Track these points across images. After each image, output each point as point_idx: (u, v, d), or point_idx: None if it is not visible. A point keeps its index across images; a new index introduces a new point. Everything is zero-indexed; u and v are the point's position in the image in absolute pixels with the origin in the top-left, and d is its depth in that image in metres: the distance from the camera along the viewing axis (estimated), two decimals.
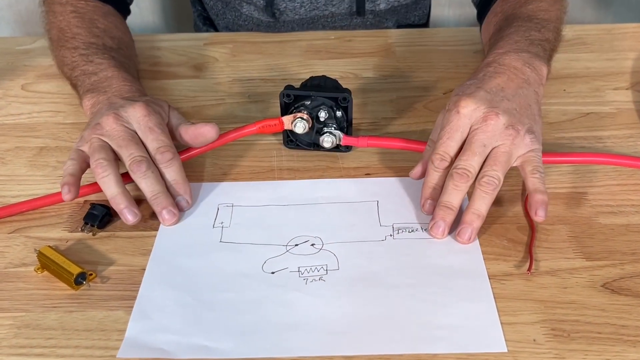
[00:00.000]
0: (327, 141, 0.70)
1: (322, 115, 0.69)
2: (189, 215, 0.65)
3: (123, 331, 0.54)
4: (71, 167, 0.64)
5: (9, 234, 0.63)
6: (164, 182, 0.64)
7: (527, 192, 0.62)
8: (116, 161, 0.64)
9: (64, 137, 0.76)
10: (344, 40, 0.93)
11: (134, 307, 0.56)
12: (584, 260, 0.59)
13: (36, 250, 0.59)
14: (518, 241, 0.61)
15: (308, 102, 0.69)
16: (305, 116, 0.69)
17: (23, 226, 0.64)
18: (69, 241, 0.62)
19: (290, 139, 0.73)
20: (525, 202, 0.64)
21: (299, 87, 0.71)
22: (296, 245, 0.61)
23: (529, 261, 0.58)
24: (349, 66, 0.88)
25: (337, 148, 0.71)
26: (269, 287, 0.57)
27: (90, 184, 0.65)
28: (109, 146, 0.64)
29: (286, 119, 0.70)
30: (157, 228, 0.63)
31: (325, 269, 0.59)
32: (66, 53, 0.77)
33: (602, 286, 0.56)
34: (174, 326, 0.54)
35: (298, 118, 0.69)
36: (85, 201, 0.66)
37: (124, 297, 0.57)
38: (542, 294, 0.56)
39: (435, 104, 0.80)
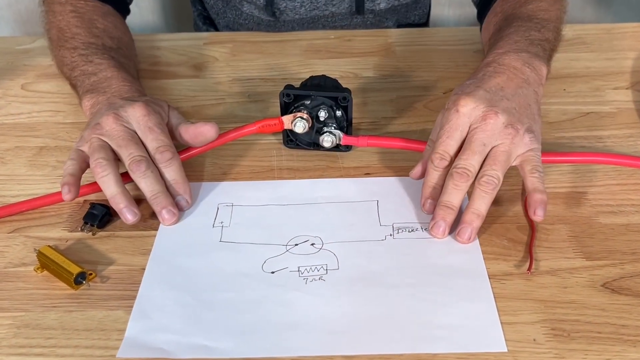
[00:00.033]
0: (327, 141, 0.70)
1: (322, 114, 0.69)
2: (188, 214, 0.65)
3: (123, 331, 0.54)
4: (71, 167, 0.64)
5: (9, 233, 0.63)
6: (164, 181, 0.64)
7: (526, 191, 0.61)
8: (116, 161, 0.64)
9: (63, 137, 0.76)
10: (343, 39, 0.93)
11: (133, 306, 0.56)
12: (584, 259, 0.59)
13: (36, 250, 0.59)
14: (518, 241, 0.61)
15: (308, 102, 0.69)
16: (305, 116, 0.69)
17: (23, 226, 0.64)
18: (68, 241, 0.62)
19: (290, 139, 0.73)
20: (525, 201, 0.64)
21: (298, 87, 0.71)
22: (296, 244, 0.61)
23: (529, 261, 0.58)
24: (349, 66, 0.88)
25: (337, 148, 0.71)
26: (268, 286, 0.57)
27: (90, 183, 0.65)
28: (109, 146, 0.64)
29: (286, 118, 0.70)
30: (157, 228, 0.63)
31: (325, 268, 0.59)
32: (66, 53, 0.77)
33: (602, 286, 0.56)
34: (174, 326, 0.54)
35: (298, 117, 0.69)
36: (85, 201, 0.66)
37: (123, 297, 0.57)
38: (542, 294, 0.56)
39: (436, 103, 0.80)
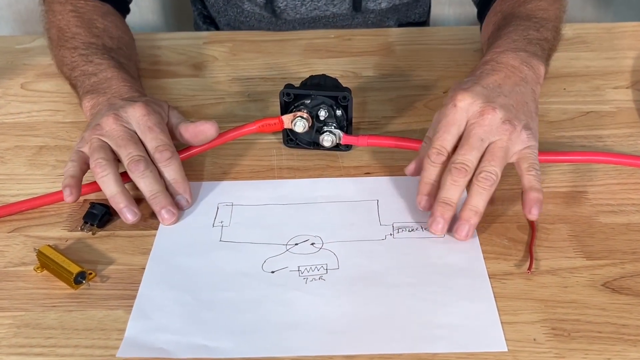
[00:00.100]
0: (327, 140, 0.70)
1: (322, 114, 0.69)
2: (188, 214, 0.65)
3: (123, 330, 0.54)
4: (72, 168, 0.64)
5: (9, 233, 0.63)
6: (164, 181, 0.64)
7: (522, 189, 0.61)
8: (115, 161, 0.64)
9: (63, 136, 0.76)
10: (343, 39, 0.93)
11: (133, 306, 0.55)
12: (585, 259, 0.59)
13: (36, 250, 0.59)
14: (518, 240, 0.61)
15: (308, 101, 0.69)
16: (305, 115, 0.69)
17: (22, 225, 0.64)
18: (68, 240, 0.62)
19: (290, 138, 0.72)
20: None
21: (298, 86, 0.71)
22: (296, 244, 0.61)
23: (529, 260, 0.58)
24: (348, 65, 0.88)
25: (337, 147, 0.71)
26: (268, 286, 0.57)
27: (89, 183, 0.65)
28: (109, 146, 0.64)
29: (286, 118, 0.70)
30: (157, 227, 0.63)
31: (325, 268, 0.59)
32: (66, 53, 0.77)
33: (602, 285, 0.56)
34: (174, 325, 0.54)
35: (298, 117, 0.69)
36: (85, 200, 0.66)
37: (123, 297, 0.56)
38: (543, 293, 0.56)
39: (436, 102, 0.80)
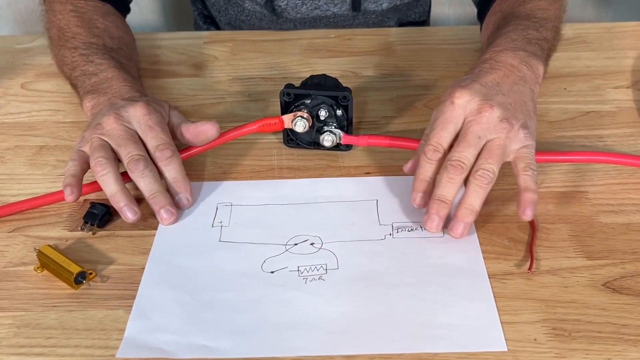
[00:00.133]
0: (328, 140, 0.70)
1: (323, 114, 0.69)
2: (188, 214, 0.65)
3: (123, 330, 0.53)
4: (72, 168, 0.64)
5: (9, 233, 0.63)
6: (164, 180, 0.64)
7: (518, 189, 0.60)
8: (116, 160, 0.64)
9: (63, 136, 0.76)
10: (344, 38, 0.93)
11: (133, 306, 0.55)
12: (585, 259, 0.59)
13: (36, 250, 0.59)
14: (518, 240, 0.61)
15: (308, 101, 0.69)
16: (305, 115, 0.69)
17: (23, 225, 0.64)
18: (68, 240, 0.62)
19: (290, 138, 0.72)
20: None
21: (299, 86, 0.71)
22: (296, 244, 0.61)
23: (530, 260, 0.58)
24: (349, 65, 0.88)
25: (337, 147, 0.71)
26: (268, 286, 0.57)
27: (90, 182, 0.65)
28: (109, 145, 0.64)
29: (286, 117, 0.70)
30: (157, 227, 0.63)
31: (325, 268, 0.59)
32: (66, 53, 0.77)
33: (603, 285, 0.56)
34: (173, 326, 0.54)
35: (298, 117, 0.69)
36: (85, 200, 0.66)
37: (124, 297, 0.56)
38: (543, 293, 0.56)
39: (436, 102, 0.80)
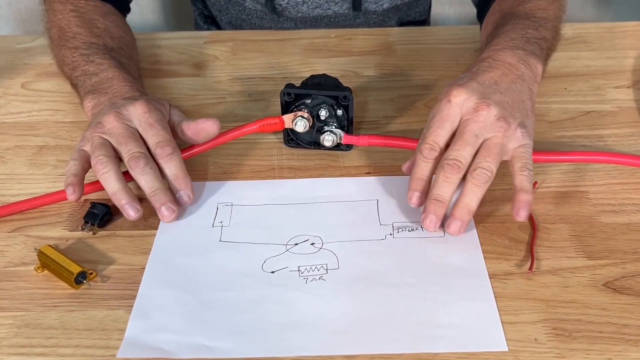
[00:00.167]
0: (328, 140, 0.69)
1: (323, 113, 0.69)
2: (188, 214, 0.65)
3: (124, 330, 0.53)
4: (74, 167, 0.64)
5: (9, 233, 0.63)
6: (165, 178, 0.64)
7: (513, 189, 0.60)
8: (117, 158, 0.64)
9: (63, 136, 0.76)
10: (344, 38, 0.93)
11: (133, 306, 0.55)
12: (586, 259, 0.59)
13: (36, 249, 0.59)
14: (519, 240, 0.61)
15: (309, 101, 0.69)
16: (305, 115, 0.69)
17: (23, 225, 0.64)
18: (69, 240, 0.62)
19: (290, 138, 0.72)
20: None
21: (299, 86, 0.71)
22: (296, 244, 0.61)
23: (530, 260, 0.58)
24: (349, 64, 0.88)
25: (337, 147, 0.71)
26: (268, 286, 0.57)
27: (90, 182, 0.65)
28: (110, 143, 0.64)
29: (287, 117, 0.70)
30: (157, 227, 0.63)
31: (325, 268, 0.59)
32: (66, 53, 0.77)
33: (603, 285, 0.56)
34: (174, 326, 0.54)
35: (299, 117, 0.69)
36: (86, 200, 0.66)
37: (124, 297, 0.56)
38: (544, 293, 0.56)
39: (436, 102, 0.79)
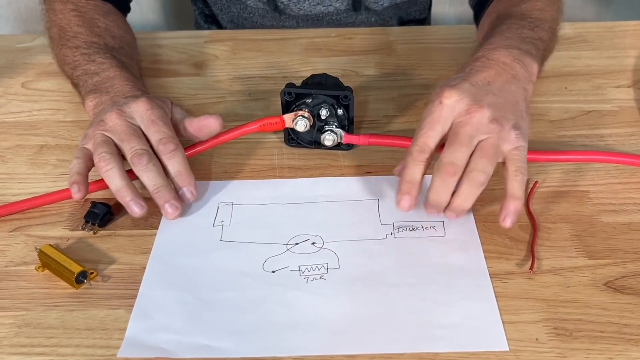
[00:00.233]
0: (329, 139, 0.69)
1: (324, 113, 0.69)
2: (189, 214, 0.65)
3: (124, 330, 0.53)
4: (77, 165, 0.63)
5: (10, 232, 0.63)
6: (168, 175, 0.64)
7: (505, 193, 0.59)
8: (119, 155, 0.63)
9: (64, 135, 0.76)
10: (344, 37, 0.93)
11: (134, 306, 0.55)
12: (586, 258, 0.59)
13: (37, 249, 0.59)
14: (520, 240, 0.61)
15: (309, 100, 0.69)
16: (306, 114, 0.69)
17: (23, 224, 0.64)
18: (69, 240, 0.62)
19: (291, 137, 0.72)
20: (528, 200, 0.64)
21: (300, 85, 0.71)
22: (297, 244, 0.61)
23: (531, 260, 0.58)
24: (350, 64, 0.88)
25: (338, 146, 0.71)
26: (269, 286, 0.57)
27: (93, 181, 0.65)
28: (112, 141, 0.63)
29: (287, 117, 0.70)
30: (158, 226, 0.63)
31: (326, 267, 0.59)
32: (67, 52, 0.77)
33: (604, 285, 0.56)
34: (175, 325, 0.54)
35: (299, 116, 0.69)
36: (86, 199, 0.66)
37: (125, 296, 0.56)
38: (544, 293, 0.56)
39: (428, 103, 0.79)
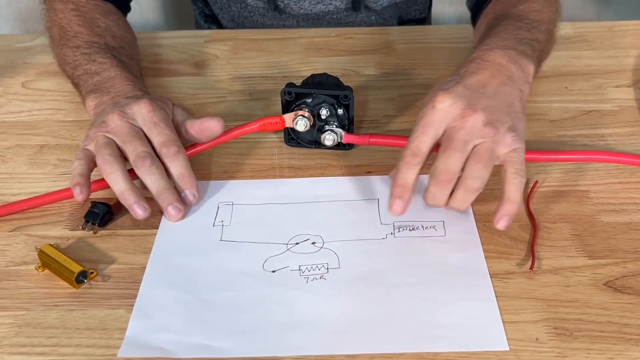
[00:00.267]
0: (329, 139, 0.69)
1: (324, 113, 0.69)
2: (189, 213, 0.65)
3: (124, 330, 0.53)
4: (79, 167, 0.63)
5: (10, 232, 0.63)
6: (170, 177, 0.64)
7: (502, 195, 0.58)
8: (122, 157, 0.63)
9: (64, 135, 0.76)
10: (345, 37, 0.93)
11: (134, 306, 0.55)
12: (587, 258, 0.59)
13: (37, 249, 0.59)
14: (520, 239, 0.61)
15: (309, 100, 0.69)
16: (306, 114, 0.69)
17: (24, 224, 0.64)
18: (69, 239, 0.62)
19: (291, 137, 0.72)
20: (528, 200, 0.64)
21: (300, 85, 0.71)
22: (297, 243, 0.61)
23: (531, 259, 0.58)
24: (350, 63, 0.88)
25: (338, 146, 0.71)
26: (269, 285, 0.57)
27: (94, 180, 0.65)
28: (114, 143, 0.63)
29: (287, 116, 0.70)
30: (158, 226, 0.63)
31: (326, 267, 0.59)
32: (68, 52, 0.77)
33: (604, 284, 0.56)
34: (175, 325, 0.54)
35: (299, 116, 0.69)
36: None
37: (125, 296, 0.56)
38: (545, 293, 0.56)
39: (422, 106, 0.79)
